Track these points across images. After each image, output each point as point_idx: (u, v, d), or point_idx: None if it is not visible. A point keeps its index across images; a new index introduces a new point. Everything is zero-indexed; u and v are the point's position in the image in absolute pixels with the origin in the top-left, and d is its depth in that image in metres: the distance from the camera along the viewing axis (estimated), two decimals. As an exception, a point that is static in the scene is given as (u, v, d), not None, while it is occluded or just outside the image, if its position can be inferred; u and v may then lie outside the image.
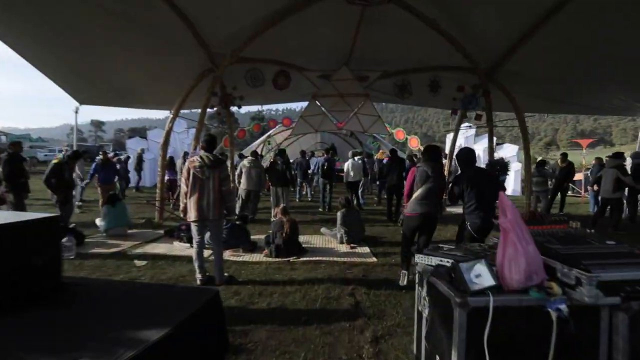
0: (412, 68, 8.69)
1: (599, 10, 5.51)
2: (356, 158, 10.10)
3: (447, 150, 12.34)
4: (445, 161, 10.05)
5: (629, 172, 8.64)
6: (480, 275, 1.65)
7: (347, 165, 9.87)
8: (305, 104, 9.98)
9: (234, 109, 10.04)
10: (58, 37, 6.51)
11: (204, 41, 7.14)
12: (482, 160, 10.99)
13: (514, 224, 1.69)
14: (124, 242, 6.00)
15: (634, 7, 5.32)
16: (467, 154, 3.90)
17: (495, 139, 10.41)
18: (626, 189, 8.39)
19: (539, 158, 13.55)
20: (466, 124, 11.45)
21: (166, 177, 10.57)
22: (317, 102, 9.66)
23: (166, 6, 5.91)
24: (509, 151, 15.19)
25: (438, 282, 1.76)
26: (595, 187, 8.85)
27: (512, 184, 14.19)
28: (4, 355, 1.24)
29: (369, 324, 3.26)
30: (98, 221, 6.69)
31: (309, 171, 11.80)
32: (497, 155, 11.79)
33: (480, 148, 15.30)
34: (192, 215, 4.11)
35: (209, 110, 8.99)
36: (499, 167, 8.15)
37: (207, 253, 4.63)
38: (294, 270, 4.82)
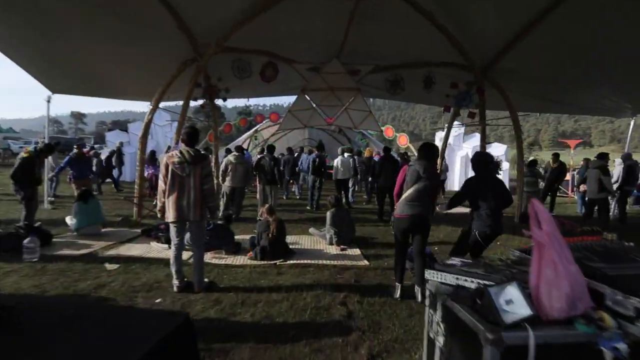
0: (405, 63, 8.39)
1: (598, 8, 5.32)
2: (346, 155, 9.82)
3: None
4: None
5: (621, 173, 8.64)
6: (512, 302, 1.34)
7: (336, 162, 9.58)
8: (293, 99, 9.62)
9: (220, 102, 9.58)
10: (29, 22, 5.94)
11: (187, 28, 6.66)
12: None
13: (552, 237, 1.39)
14: (96, 243, 5.52)
15: (633, 6, 5.16)
16: (484, 157, 3.64)
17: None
18: (618, 190, 8.39)
19: (531, 158, 13.49)
20: (456, 122, 11.25)
21: (149, 172, 10.11)
22: (306, 96, 9.30)
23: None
24: (497, 150, 15.14)
25: (459, 307, 1.45)
26: (582, 188, 8.81)
27: (501, 183, 14.13)
28: None
29: (364, 339, 2.95)
30: (68, 219, 6.16)
31: (297, 168, 11.45)
32: (488, 154, 11.66)
33: (469, 147, 15.26)
34: (170, 215, 3.72)
35: (194, 103, 8.52)
36: (491, 166, 7.97)
37: (186, 255, 4.25)
38: (280, 274, 4.48)
